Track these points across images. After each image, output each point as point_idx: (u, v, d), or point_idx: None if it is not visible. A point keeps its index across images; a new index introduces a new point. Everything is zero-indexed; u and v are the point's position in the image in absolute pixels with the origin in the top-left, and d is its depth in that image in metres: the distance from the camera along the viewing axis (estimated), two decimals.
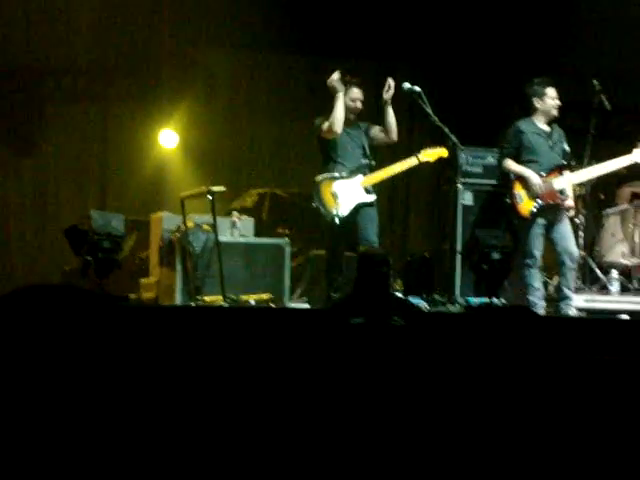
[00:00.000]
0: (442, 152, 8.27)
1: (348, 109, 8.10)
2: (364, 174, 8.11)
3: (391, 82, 8.02)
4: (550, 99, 8.36)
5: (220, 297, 7.88)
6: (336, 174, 8.03)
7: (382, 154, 8.43)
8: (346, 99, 8.09)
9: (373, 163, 8.17)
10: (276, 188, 10.21)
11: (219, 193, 8.25)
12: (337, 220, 7.92)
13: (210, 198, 8.15)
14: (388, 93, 8.03)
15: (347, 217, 7.99)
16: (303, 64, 10.89)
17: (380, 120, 8.15)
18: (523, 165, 8.32)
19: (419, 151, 8.22)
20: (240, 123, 10.84)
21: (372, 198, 8.12)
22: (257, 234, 9.02)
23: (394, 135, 8.13)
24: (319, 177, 8.08)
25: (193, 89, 11.01)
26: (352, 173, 8.08)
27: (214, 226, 8.17)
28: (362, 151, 8.16)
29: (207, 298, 8.01)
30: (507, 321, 1.14)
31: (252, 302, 8.04)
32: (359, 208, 8.05)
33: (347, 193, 8.03)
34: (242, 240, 8.70)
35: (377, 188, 8.17)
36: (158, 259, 8.68)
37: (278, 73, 10.88)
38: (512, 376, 1.10)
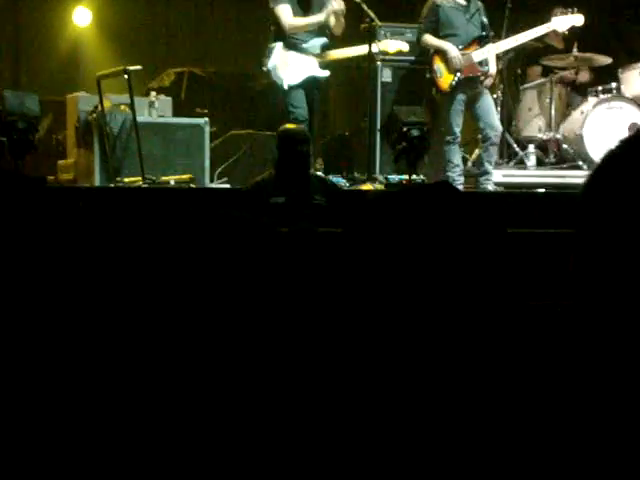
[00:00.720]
0: (403, 48, 8.28)
1: None
2: (320, 50, 8.10)
3: None
4: None
5: (139, 178, 7.82)
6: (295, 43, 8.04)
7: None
8: None
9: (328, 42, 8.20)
10: (194, 67, 10.07)
11: (136, 72, 8.11)
12: (285, 86, 7.92)
13: (127, 77, 8.00)
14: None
15: (297, 86, 7.99)
16: None
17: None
18: (442, 40, 8.32)
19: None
20: (157, 1, 10.61)
21: (326, 74, 8.13)
22: (175, 114, 8.91)
23: (339, 29, 8.12)
24: (275, 43, 8.04)
25: None
26: (310, 48, 8.07)
27: (132, 106, 8.05)
28: (320, 29, 8.13)
29: (126, 179, 7.94)
30: (428, 197, 1.16)
31: (172, 183, 7.99)
32: (311, 81, 8.03)
33: (301, 64, 8.02)
34: (160, 120, 8.59)
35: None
36: (75, 140, 8.55)
37: None
38: (432, 250, 1.14)
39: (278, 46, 8.12)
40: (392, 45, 8.34)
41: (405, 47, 8.35)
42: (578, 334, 1.05)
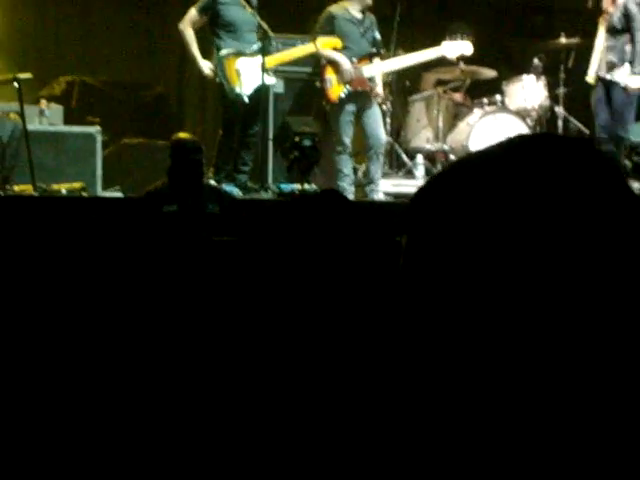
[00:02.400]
0: (336, 42, 8.36)
1: None
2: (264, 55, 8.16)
3: None
4: None
5: (30, 186, 7.74)
6: (241, 50, 8.04)
7: None
8: None
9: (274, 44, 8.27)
10: (85, 76, 10.00)
11: (26, 80, 8.04)
12: (245, 99, 7.96)
13: (17, 86, 7.93)
14: None
15: (249, 96, 8.03)
16: None
17: None
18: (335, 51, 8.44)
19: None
20: (46, 9, 10.50)
21: (273, 81, 8.17)
22: (67, 122, 8.86)
23: None
24: (223, 51, 8.01)
25: None
26: (254, 53, 8.10)
27: (22, 114, 7.97)
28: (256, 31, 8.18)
29: (17, 188, 7.86)
30: (318, 205, 1.22)
31: (64, 191, 7.94)
32: (259, 89, 8.11)
33: (251, 72, 8.03)
34: (51, 129, 8.53)
35: None
36: None
37: None
38: (320, 257, 1.18)
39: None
40: (329, 42, 8.44)
41: (338, 43, 8.41)
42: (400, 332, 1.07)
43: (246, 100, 8.02)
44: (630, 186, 1.03)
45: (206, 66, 8.11)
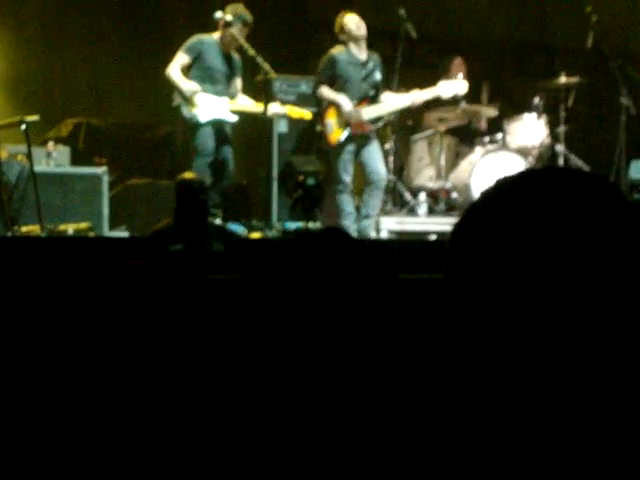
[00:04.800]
0: (306, 115, 8.56)
1: (227, 40, 8.28)
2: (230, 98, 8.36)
3: None
4: (353, 26, 8.44)
5: (37, 227, 7.82)
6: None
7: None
8: (234, 31, 8.19)
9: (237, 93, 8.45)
10: (92, 117, 10.12)
11: (33, 123, 8.14)
12: (200, 119, 8.15)
13: (24, 128, 8.03)
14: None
15: (206, 126, 8.14)
16: None
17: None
18: (337, 93, 8.51)
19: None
20: (53, 52, 10.61)
21: (234, 119, 8.28)
22: (73, 164, 8.96)
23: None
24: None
25: (1, 14, 10.69)
26: (220, 94, 8.31)
27: (29, 156, 8.07)
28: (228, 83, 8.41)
29: (24, 228, 7.94)
30: (320, 243, 1.25)
31: (70, 232, 8.02)
32: (221, 125, 8.23)
33: (212, 104, 8.19)
34: (58, 170, 8.63)
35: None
36: None
37: (91, 1, 10.68)
38: (324, 295, 1.22)
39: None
40: (295, 111, 8.59)
41: (308, 116, 8.60)
42: (455, 372, 1.19)
43: (200, 120, 8.18)
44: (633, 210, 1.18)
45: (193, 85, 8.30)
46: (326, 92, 8.48)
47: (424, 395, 1.29)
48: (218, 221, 7.89)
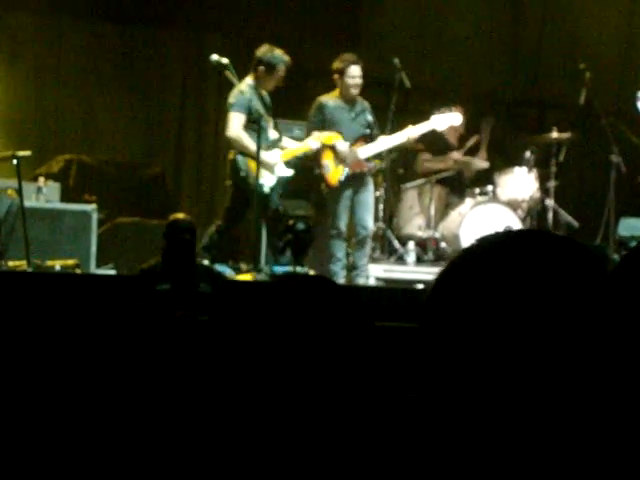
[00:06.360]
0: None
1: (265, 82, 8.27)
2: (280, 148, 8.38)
3: None
4: (350, 78, 8.50)
5: (24, 262, 7.81)
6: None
7: None
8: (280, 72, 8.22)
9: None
10: (83, 154, 10.14)
11: (24, 158, 8.15)
12: (266, 190, 8.17)
13: (15, 163, 8.04)
14: None
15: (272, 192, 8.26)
16: (112, 31, 10.80)
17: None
18: None
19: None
20: (46, 88, 10.65)
21: (290, 173, 8.37)
22: (63, 200, 8.96)
23: None
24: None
25: None
26: (271, 145, 8.34)
27: (19, 191, 8.07)
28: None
29: (11, 263, 7.92)
30: (305, 289, 1.24)
31: (58, 267, 8.00)
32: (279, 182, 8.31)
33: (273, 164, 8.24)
34: (48, 205, 8.63)
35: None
36: None
37: (85, 39, 10.73)
38: (299, 340, 1.22)
39: None
40: (299, 147, 8.62)
41: (312, 146, 8.62)
42: (433, 419, 1.23)
43: (266, 192, 8.17)
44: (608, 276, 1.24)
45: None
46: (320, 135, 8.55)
47: (402, 441, 1.29)
48: (206, 262, 7.88)
